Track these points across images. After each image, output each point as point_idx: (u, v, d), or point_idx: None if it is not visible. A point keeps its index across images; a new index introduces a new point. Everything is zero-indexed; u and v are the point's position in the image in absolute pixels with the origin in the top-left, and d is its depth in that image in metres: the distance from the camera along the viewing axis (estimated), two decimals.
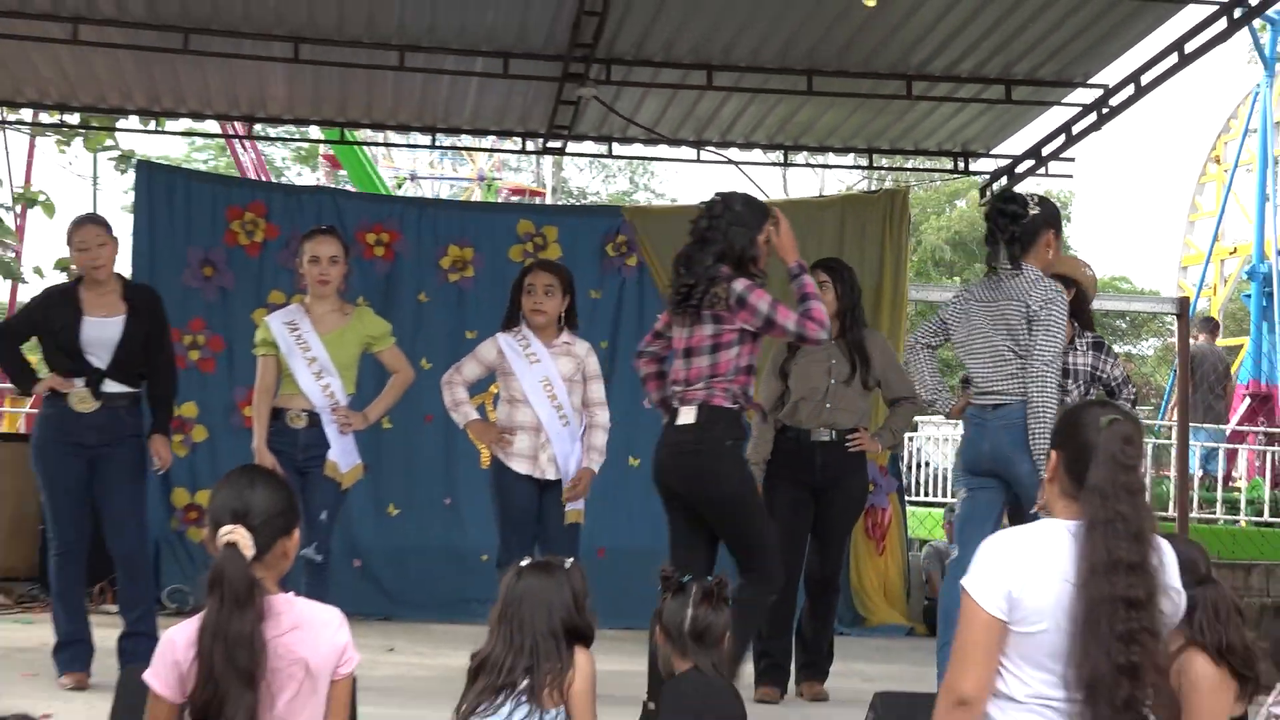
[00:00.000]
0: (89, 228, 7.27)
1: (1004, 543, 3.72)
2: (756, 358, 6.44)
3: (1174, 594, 3.69)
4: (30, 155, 20.06)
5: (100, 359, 7.11)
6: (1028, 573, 3.61)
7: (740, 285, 6.22)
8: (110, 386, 7.13)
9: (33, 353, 7.57)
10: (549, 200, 33.79)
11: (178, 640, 3.61)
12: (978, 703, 3.62)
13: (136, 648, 6.95)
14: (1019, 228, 6.83)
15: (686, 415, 6.27)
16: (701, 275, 6.25)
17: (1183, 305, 13.23)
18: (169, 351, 7.47)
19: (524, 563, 4.35)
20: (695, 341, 6.28)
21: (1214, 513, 15.15)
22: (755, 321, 6.21)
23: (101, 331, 7.12)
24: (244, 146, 23.85)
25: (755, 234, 6.37)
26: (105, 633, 7.27)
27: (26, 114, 12.83)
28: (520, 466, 7.42)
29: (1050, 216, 6.92)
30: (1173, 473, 13.41)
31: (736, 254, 6.31)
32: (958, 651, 3.67)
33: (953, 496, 16.73)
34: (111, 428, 7.12)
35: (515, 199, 34.14)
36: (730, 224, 6.33)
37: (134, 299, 7.29)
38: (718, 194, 6.52)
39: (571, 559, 4.35)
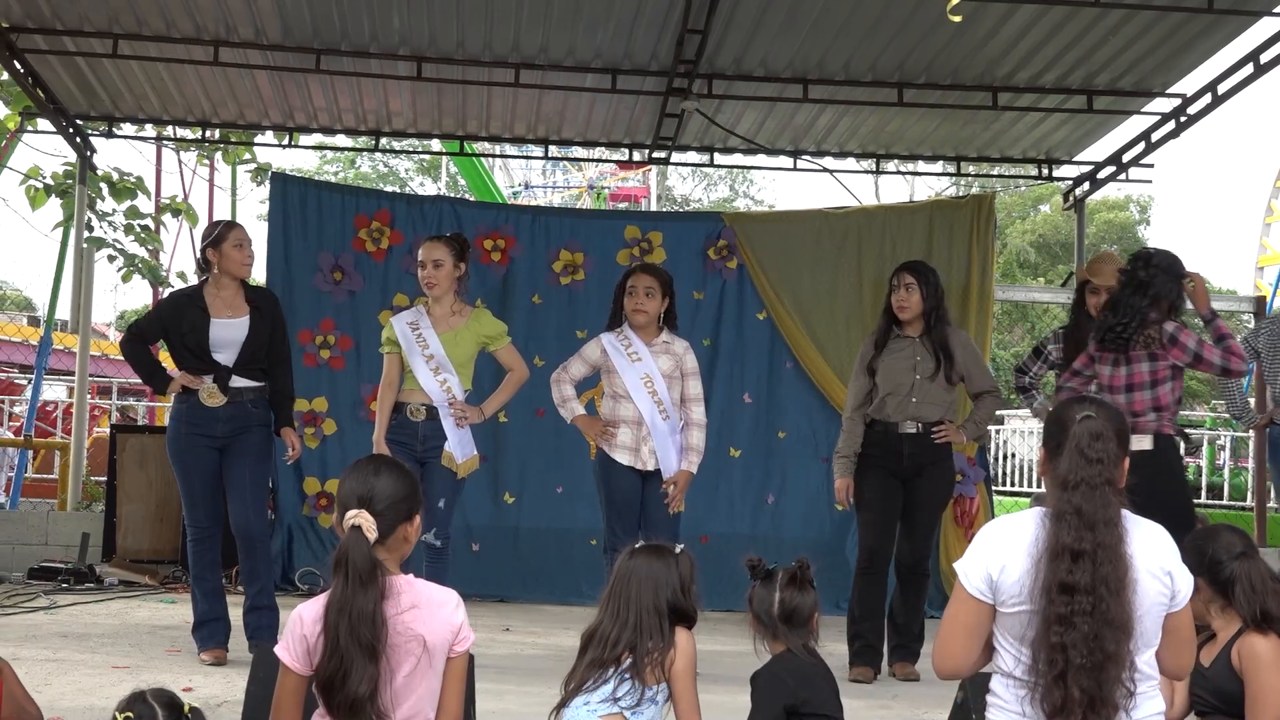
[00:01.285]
0: (242, 229, 7.39)
1: (990, 529, 3.76)
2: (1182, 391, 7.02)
3: (1161, 574, 3.60)
4: (185, 173, 20.42)
5: (227, 357, 7.18)
6: (1005, 557, 3.63)
7: (1171, 326, 6.90)
8: (237, 382, 7.19)
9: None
10: (654, 206, 33.90)
11: (306, 616, 3.64)
12: (959, 673, 3.74)
13: (260, 621, 7.08)
14: None
15: (1141, 442, 6.62)
16: (1134, 316, 6.91)
17: (1259, 304, 13.07)
18: (287, 350, 7.51)
19: (638, 544, 4.34)
20: (1135, 378, 6.87)
21: None
22: (1185, 358, 6.87)
23: (228, 332, 7.18)
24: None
25: (1177, 284, 6.94)
26: (241, 612, 7.35)
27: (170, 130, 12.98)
28: (623, 458, 7.44)
29: None
30: (1250, 463, 13.19)
31: (1167, 301, 6.97)
32: (944, 625, 3.74)
33: (1037, 486, 16.64)
34: (239, 419, 7.19)
35: (622, 177, 34.48)
36: (1163, 273, 6.91)
37: (257, 301, 7.35)
38: (1146, 249, 7.20)
39: (682, 545, 4.34)
